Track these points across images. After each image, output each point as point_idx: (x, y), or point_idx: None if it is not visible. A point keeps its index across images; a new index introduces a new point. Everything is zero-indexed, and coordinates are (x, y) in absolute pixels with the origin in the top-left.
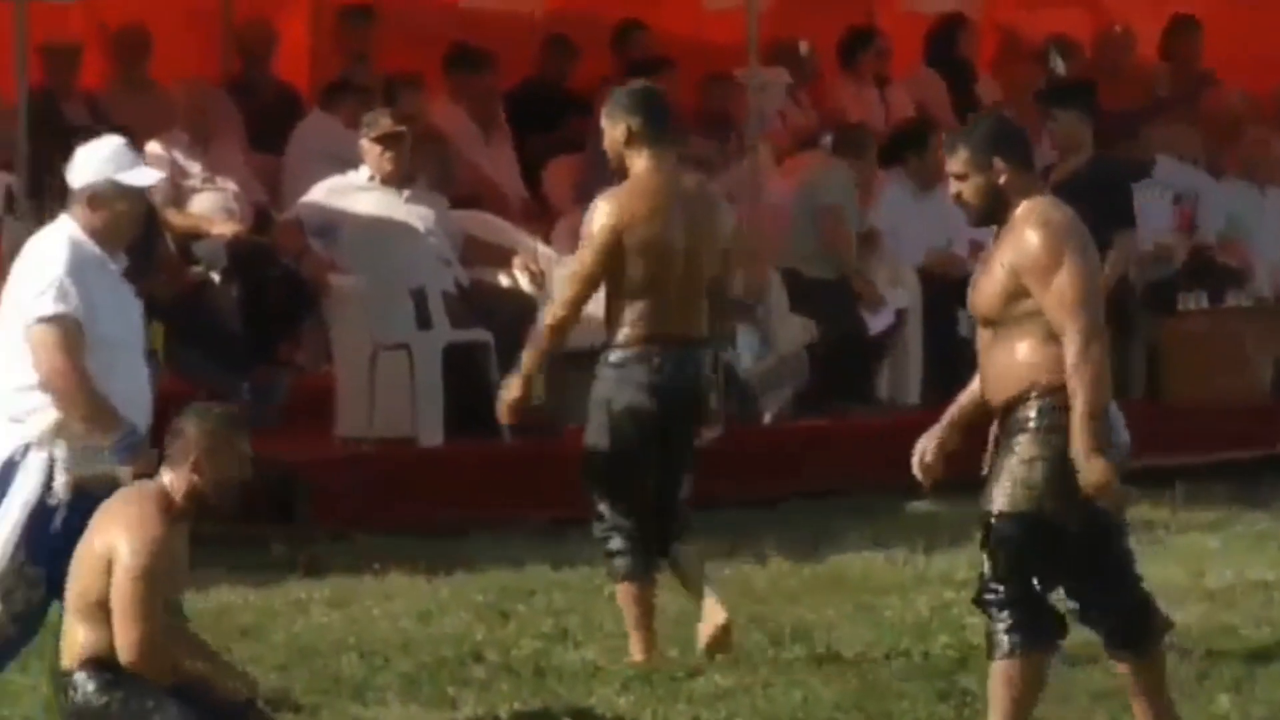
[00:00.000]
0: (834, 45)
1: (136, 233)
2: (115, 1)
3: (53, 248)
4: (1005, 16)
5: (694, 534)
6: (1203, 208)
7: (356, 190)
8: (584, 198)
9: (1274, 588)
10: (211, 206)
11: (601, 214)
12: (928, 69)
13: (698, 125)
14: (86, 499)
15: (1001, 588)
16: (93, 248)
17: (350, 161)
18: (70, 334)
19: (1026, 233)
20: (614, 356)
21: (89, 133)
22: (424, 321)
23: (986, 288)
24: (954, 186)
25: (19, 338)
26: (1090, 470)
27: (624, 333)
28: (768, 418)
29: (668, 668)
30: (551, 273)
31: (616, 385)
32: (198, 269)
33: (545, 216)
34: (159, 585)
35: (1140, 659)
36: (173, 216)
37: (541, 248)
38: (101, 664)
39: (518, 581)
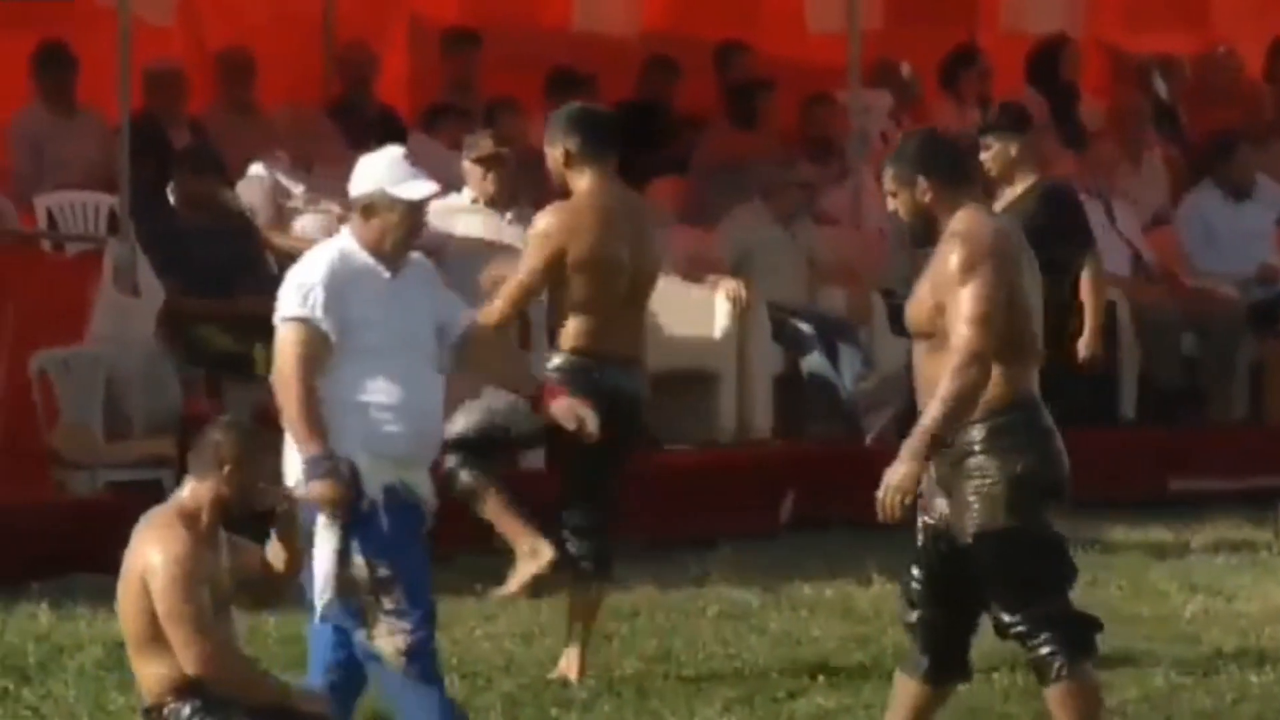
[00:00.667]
0: (936, 66)
1: (411, 244)
2: (217, 25)
3: (318, 255)
4: (1110, 36)
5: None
6: None
7: (459, 212)
8: (686, 218)
9: None
10: (314, 228)
11: (542, 229)
12: (1030, 90)
13: (799, 147)
14: (401, 507)
15: (1019, 614)
16: (364, 258)
17: (451, 183)
18: (306, 341)
19: (945, 246)
20: (555, 371)
21: (192, 155)
22: (525, 343)
23: (916, 301)
24: (890, 204)
25: None
26: (894, 471)
27: (566, 346)
28: (870, 438)
29: (770, 689)
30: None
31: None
32: None
33: None
34: (199, 596)
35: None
36: (276, 238)
37: None
38: (185, 691)
39: (620, 602)
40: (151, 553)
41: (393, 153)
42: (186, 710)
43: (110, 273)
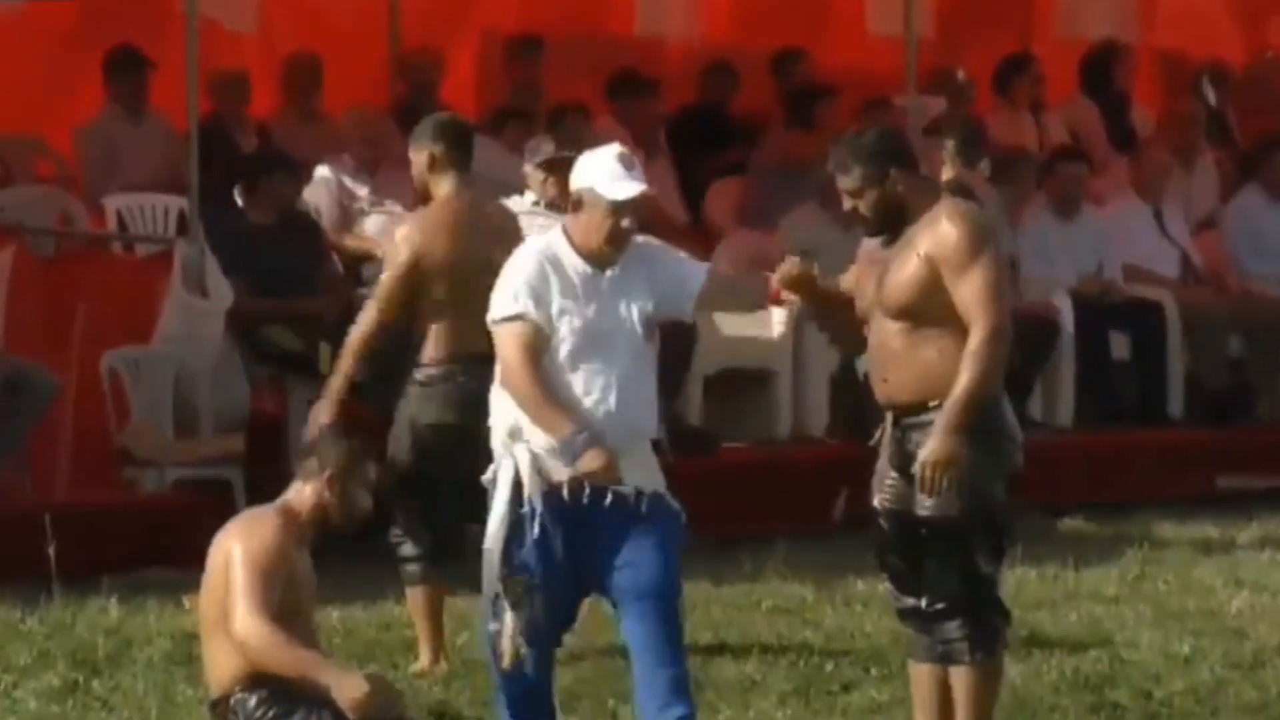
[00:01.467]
0: (990, 72)
1: (618, 243)
2: (286, 29)
3: (525, 252)
4: (1163, 43)
5: None
6: None
7: (522, 215)
8: (746, 220)
9: None
10: (380, 229)
11: (401, 238)
12: (1083, 96)
13: None
14: (557, 502)
15: (949, 594)
16: (570, 254)
17: (514, 186)
18: (525, 335)
19: (947, 225)
20: (420, 375)
21: (259, 159)
22: None
23: (901, 278)
24: (848, 202)
25: None
26: (941, 446)
27: (430, 352)
28: None
29: (824, 682)
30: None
31: (423, 402)
32: (365, 290)
33: (707, 238)
34: (274, 582)
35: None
36: (342, 239)
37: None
38: (254, 681)
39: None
40: (238, 539)
41: (610, 151)
42: (253, 701)
43: (179, 273)
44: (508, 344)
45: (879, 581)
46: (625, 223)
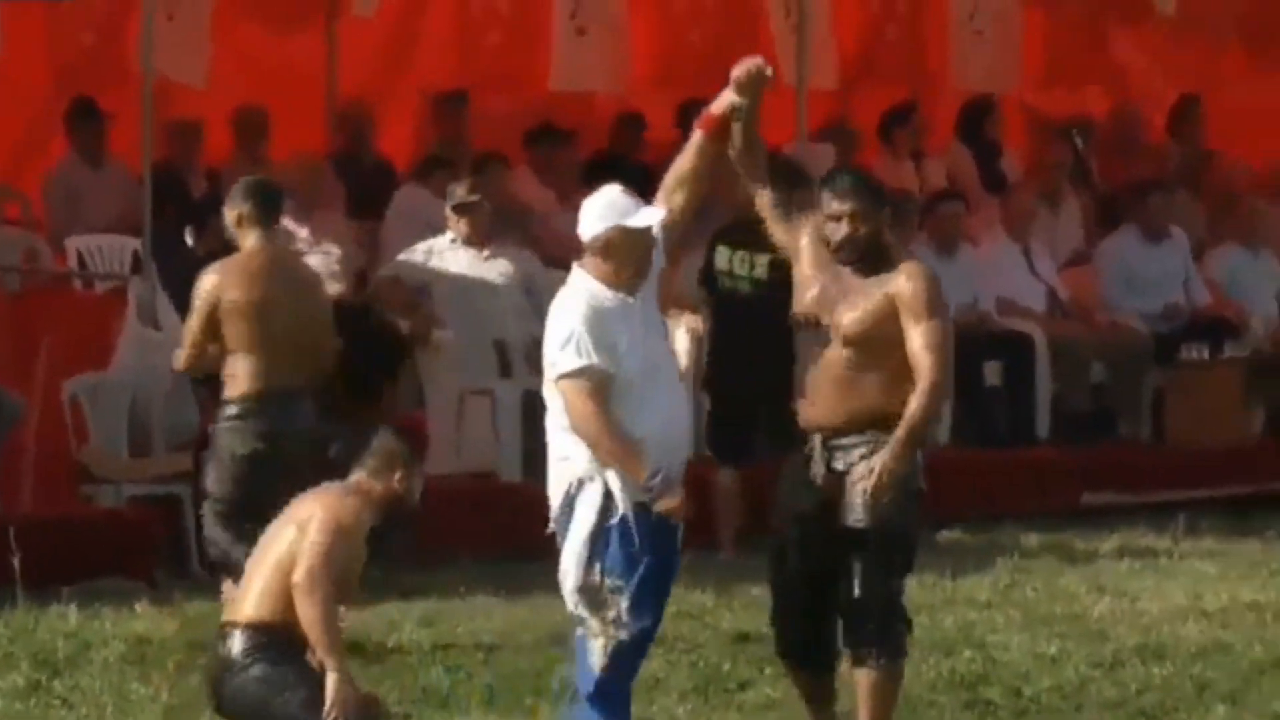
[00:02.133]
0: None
1: (645, 270)
2: (233, 84)
3: (570, 300)
4: (1032, 96)
5: None
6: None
7: (444, 251)
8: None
9: (1266, 609)
10: (318, 269)
11: (203, 285)
12: (958, 144)
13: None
14: (645, 516)
15: (868, 602)
16: (609, 292)
17: (440, 227)
18: (592, 385)
19: (917, 274)
20: (230, 410)
21: (207, 202)
22: (505, 370)
23: (861, 312)
24: (844, 226)
25: (550, 386)
26: (899, 460)
27: (237, 388)
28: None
29: (722, 680)
30: None
31: (234, 436)
32: None
33: None
34: (340, 554)
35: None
36: None
37: None
38: (260, 628)
39: None
40: (324, 507)
41: (613, 191)
42: (242, 645)
43: (134, 307)
44: (578, 396)
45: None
46: (652, 249)
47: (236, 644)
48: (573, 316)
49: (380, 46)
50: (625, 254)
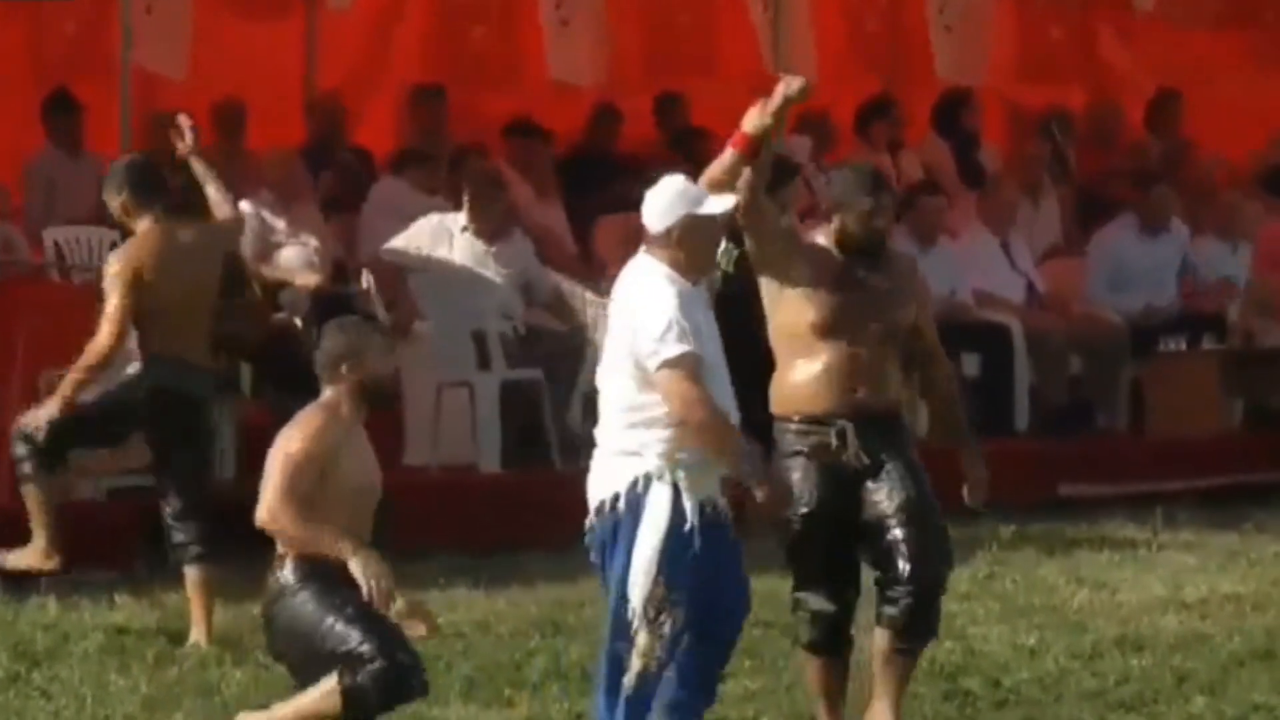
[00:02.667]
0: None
1: (711, 262)
2: (211, 76)
3: (658, 289)
4: (1010, 88)
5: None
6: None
7: (452, 232)
8: (630, 251)
9: (1244, 600)
10: (295, 259)
11: (114, 266)
12: (935, 136)
13: (733, 188)
14: (715, 525)
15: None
16: (684, 282)
17: (414, 218)
18: (695, 369)
19: (916, 266)
20: (131, 369)
21: (184, 194)
22: (484, 362)
23: (910, 307)
24: (884, 221)
25: (628, 378)
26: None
27: (137, 352)
28: None
29: None
30: (599, 319)
31: (138, 382)
32: (282, 315)
33: (594, 269)
34: (303, 473)
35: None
36: (260, 268)
37: (590, 296)
38: (309, 558)
39: (568, 595)
40: (280, 440)
41: (679, 180)
42: (295, 575)
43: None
44: (685, 382)
45: (752, 579)
46: (721, 237)
47: (289, 572)
48: (666, 304)
49: (360, 39)
50: (697, 242)
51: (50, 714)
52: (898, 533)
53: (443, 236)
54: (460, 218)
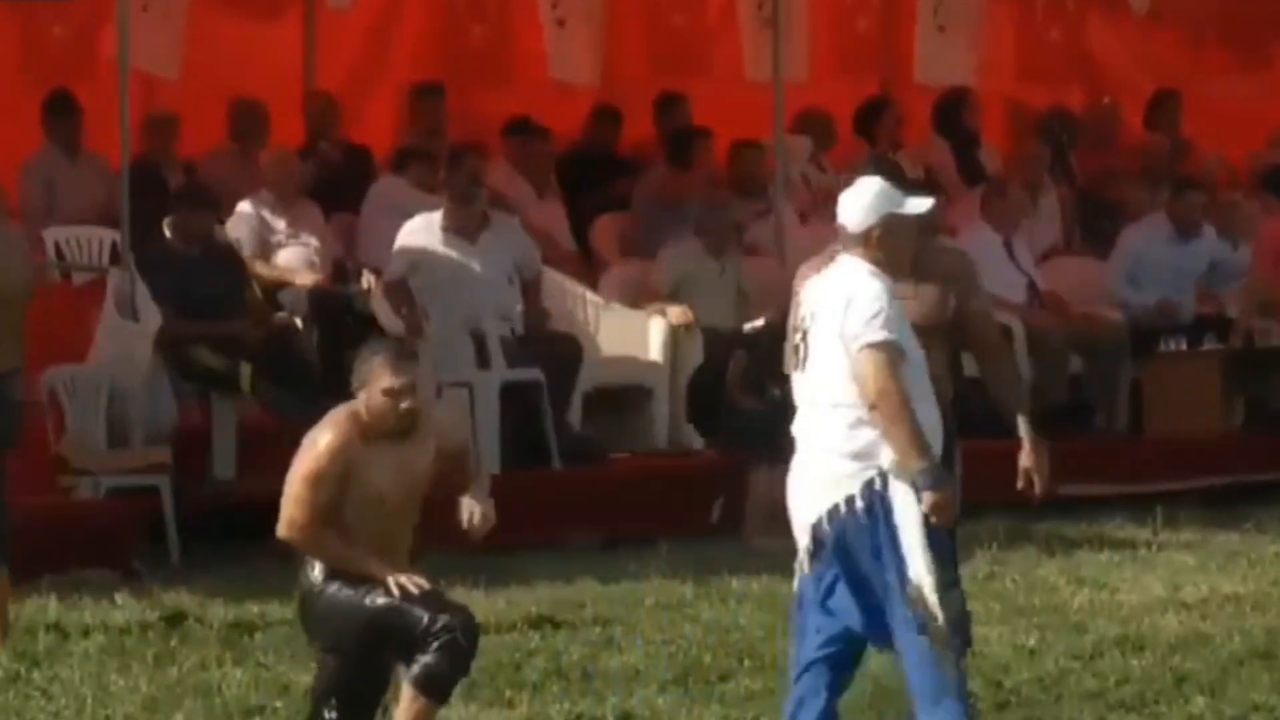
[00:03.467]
0: (852, 115)
1: (907, 262)
2: (207, 76)
3: (869, 281)
4: (1006, 90)
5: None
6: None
7: (433, 230)
8: (628, 251)
9: (1244, 600)
10: (295, 259)
11: None
12: (936, 136)
13: (730, 186)
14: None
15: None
16: (885, 278)
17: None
18: (895, 359)
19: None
20: None
21: (187, 194)
22: (483, 362)
23: (936, 302)
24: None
25: (841, 377)
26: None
27: None
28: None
29: (702, 672)
30: (599, 318)
31: None
32: (282, 315)
33: (592, 267)
34: (322, 485)
35: None
36: (260, 268)
37: (589, 295)
38: None
39: (567, 594)
40: (300, 452)
41: (877, 181)
42: (321, 574)
43: (112, 299)
44: (884, 369)
45: (753, 579)
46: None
47: (316, 573)
48: (879, 294)
49: (359, 38)
50: (896, 242)
51: (50, 714)
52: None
53: (431, 236)
54: (439, 215)
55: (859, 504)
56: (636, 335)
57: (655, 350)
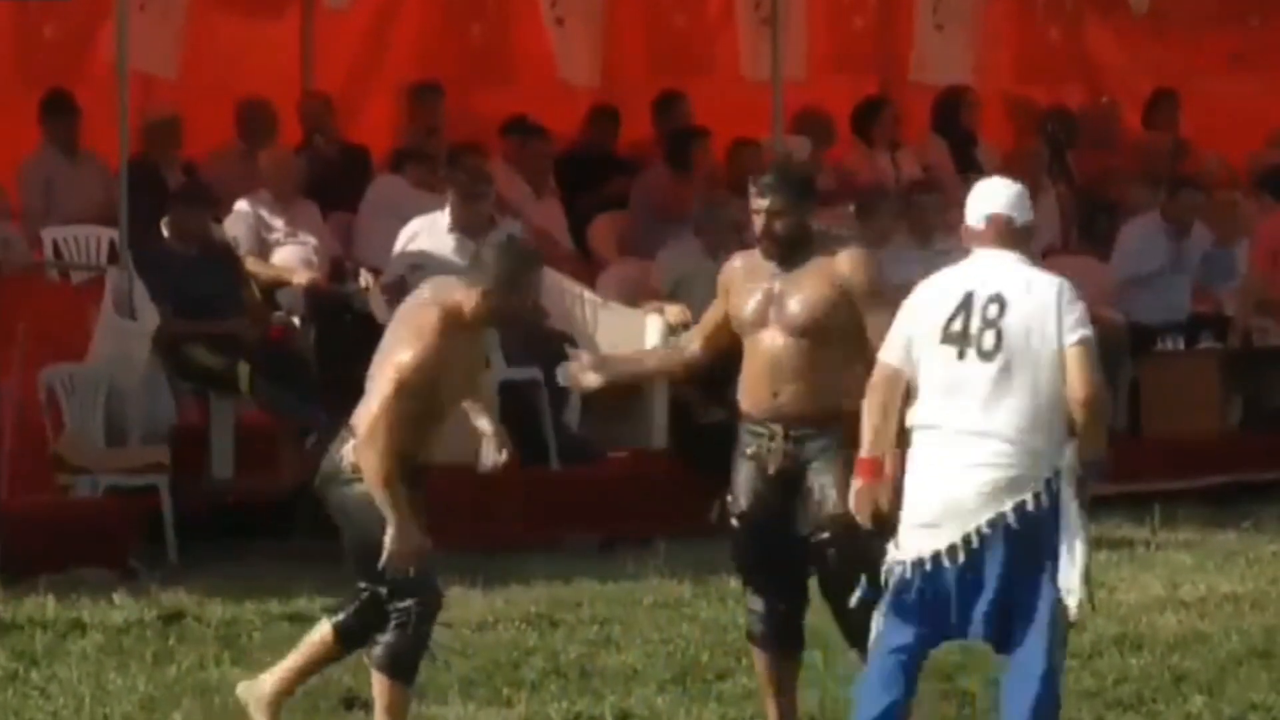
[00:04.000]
0: (849, 114)
1: None
2: (209, 74)
3: (1057, 278)
4: (1004, 88)
5: None
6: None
7: (435, 231)
8: (626, 250)
9: (1242, 599)
10: (293, 258)
11: None
12: (934, 135)
13: (729, 187)
14: None
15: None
16: None
17: (411, 216)
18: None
19: (863, 260)
20: None
21: (185, 193)
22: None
23: (812, 299)
24: (765, 221)
25: (1049, 371)
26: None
27: None
28: None
29: (700, 671)
30: (597, 317)
31: None
32: (280, 314)
33: (591, 267)
34: (411, 390)
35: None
36: (258, 267)
37: (588, 294)
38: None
39: (565, 594)
40: (405, 334)
41: (1010, 183)
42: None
43: (110, 298)
44: (1096, 365)
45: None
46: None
47: (348, 454)
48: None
49: (357, 37)
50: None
51: (48, 713)
52: (819, 542)
53: (436, 236)
54: (444, 215)
55: (1045, 500)
56: (635, 334)
57: (651, 348)
